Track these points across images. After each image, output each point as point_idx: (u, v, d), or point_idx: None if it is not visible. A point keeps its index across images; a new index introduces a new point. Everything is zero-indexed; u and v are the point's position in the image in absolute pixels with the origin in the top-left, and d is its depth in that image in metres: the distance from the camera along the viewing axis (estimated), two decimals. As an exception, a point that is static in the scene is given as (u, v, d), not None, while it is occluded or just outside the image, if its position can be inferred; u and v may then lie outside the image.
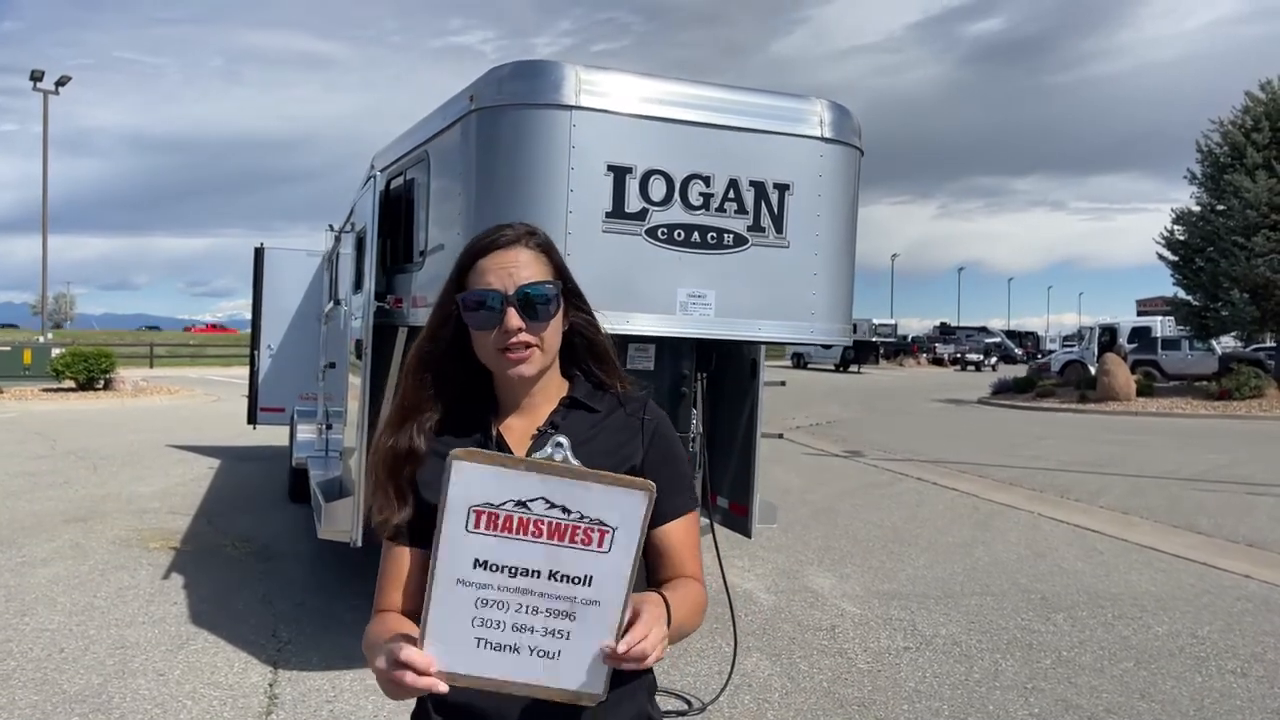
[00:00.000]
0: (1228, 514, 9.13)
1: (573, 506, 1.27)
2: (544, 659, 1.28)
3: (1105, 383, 22.81)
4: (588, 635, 1.28)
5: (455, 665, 1.27)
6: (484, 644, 1.28)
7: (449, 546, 1.26)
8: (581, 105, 3.47)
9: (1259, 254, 22.18)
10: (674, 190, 3.60)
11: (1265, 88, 23.79)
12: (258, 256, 10.94)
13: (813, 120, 3.79)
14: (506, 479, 1.26)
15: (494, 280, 1.50)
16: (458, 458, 1.26)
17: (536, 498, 1.26)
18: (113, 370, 21.03)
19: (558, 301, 1.53)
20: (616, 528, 1.27)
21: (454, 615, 1.27)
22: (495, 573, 1.27)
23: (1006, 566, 7.03)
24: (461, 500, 1.25)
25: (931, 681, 4.65)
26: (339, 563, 6.47)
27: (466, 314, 1.52)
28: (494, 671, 1.29)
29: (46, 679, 4.36)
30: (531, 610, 1.28)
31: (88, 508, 8.38)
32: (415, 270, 4.57)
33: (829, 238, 3.85)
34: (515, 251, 1.52)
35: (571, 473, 1.28)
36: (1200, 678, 4.78)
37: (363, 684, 4.44)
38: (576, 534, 1.27)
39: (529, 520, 1.27)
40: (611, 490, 1.27)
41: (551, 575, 1.27)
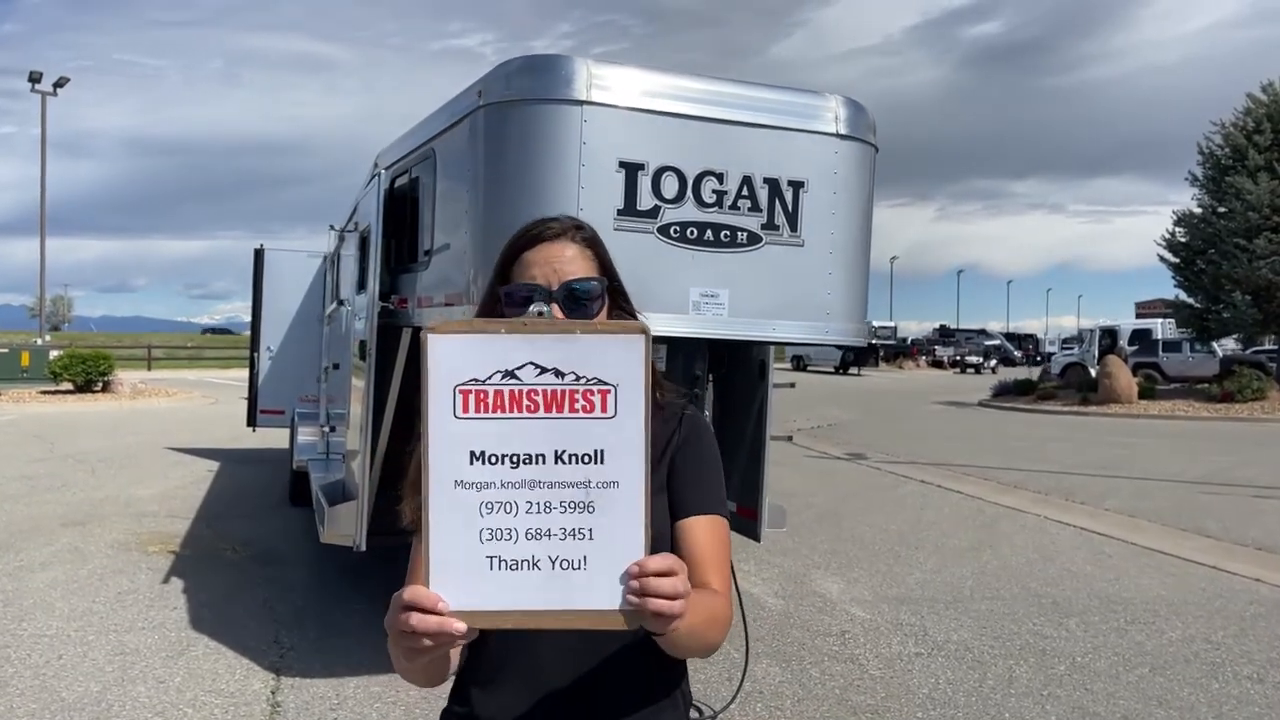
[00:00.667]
0: (1235, 517, 9.07)
1: (565, 367, 1.12)
2: (568, 571, 1.12)
3: (1107, 385, 22.75)
4: (613, 530, 1.12)
5: (469, 599, 1.11)
6: (498, 564, 1.11)
7: (440, 442, 1.12)
8: (593, 100, 3.40)
9: (1261, 256, 22.13)
10: (686, 187, 3.52)
11: (1267, 89, 23.76)
12: (257, 258, 10.86)
13: (828, 117, 3.72)
14: (489, 346, 1.12)
15: (538, 275, 1.44)
16: (433, 331, 1.13)
17: (524, 364, 1.12)
18: (111, 372, 20.95)
19: (603, 299, 1.47)
20: (617, 384, 1.12)
21: (458, 532, 1.11)
22: (496, 465, 1.12)
23: (1015, 570, 6.96)
24: (444, 380, 1.12)
25: (945, 689, 4.58)
26: (341, 567, 6.39)
27: (508, 309, 1.45)
28: (514, 601, 1.12)
29: (45, 686, 4.28)
30: (544, 508, 1.12)
31: (86, 511, 8.29)
32: (420, 270, 4.50)
33: (844, 236, 3.78)
34: (561, 245, 1.46)
35: (555, 326, 1.16)
36: (1217, 684, 4.70)
37: (366, 691, 4.36)
38: (575, 400, 1.12)
39: (521, 392, 1.12)
40: (602, 339, 1.13)
41: (558, 457, 1.12)
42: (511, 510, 1.12)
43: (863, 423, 19.24)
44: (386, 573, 6.23)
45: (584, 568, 1.12)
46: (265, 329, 10.79)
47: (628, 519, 1.13)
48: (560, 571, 1.12)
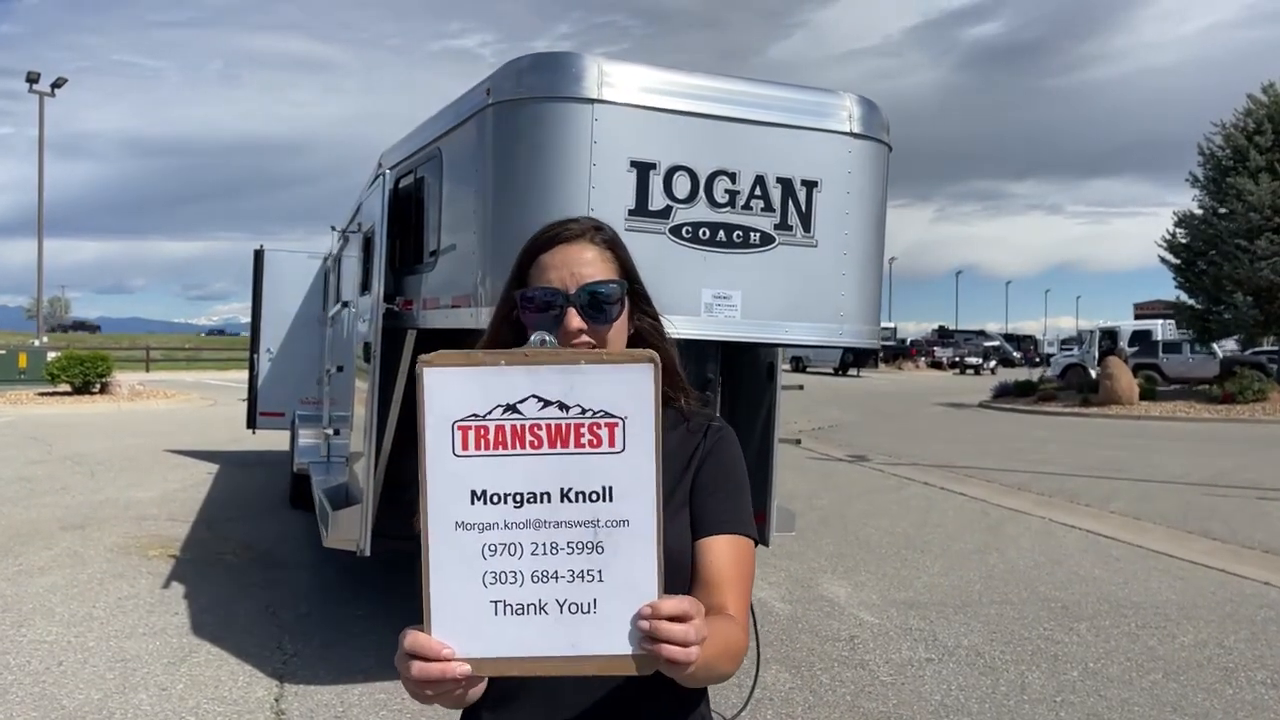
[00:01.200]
0: (1241, 519, 9.02)
1: (570, 399, 1.06)
2: (577, 615, 1.06)
3: (1108, 386, 22.71)
4: (624, 571, 1.06)
5: (473, 646, 1.05)
6: (503, 609, 1.06)
7: (438, 481, 1.06)
8: (604, 99, 3.34)
9: (1262, 257, 22.12)
10: (699, 187, 3.46)
11: (1267, 90, 23.75)
12: (257, 259, 10.80)
13: (841, 115, 3.66)
14: (488, 380, 1.06)
15: (555, 278, 1.38)
16: (428, 364, 1.07)
17: (526, 397, 1.06)
18: (109, 374, 20.87)
19: (623, 303, 1.40)
20: (626, 417, 1.06)
21: (461, 576, 1.06)
22: (498, 505, 1.06)
23: (1023, 574, 6.91)
24: (441, 416, 1.06)
25: (957, 695, 4.52)
26: (344, 572, 6.33)
27: (525, 313, 1.39)
28: (521, 647, 1.06)
29: (45, 694, 4.21)
30: (550, 549, 1.06)
31: (85, 514, 8.22)
32: (426, 271, 4.43)
33: (858, 237, 3.72)
34: (580, 247, 1.40)
35: (558, 356, 1.10)
36: (1231, 689, 4.65)
37: (372, 698, 4.29)
38: (581, 434, 1.06)
39: (523, 427, 1.06)
40: (608, 370, 1.07)
41: (564, 495, 1.07)
42: (516, 552, 1.07)
43: (864, 424, 19.19)
44: (389, 578, 6.18)
45: (594, 611, 1.07)
46: (265, 330, 10.72)
47: (639, 559, 1.07)
48: (569, 615, 1.07)
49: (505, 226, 3.47)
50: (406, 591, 5.98)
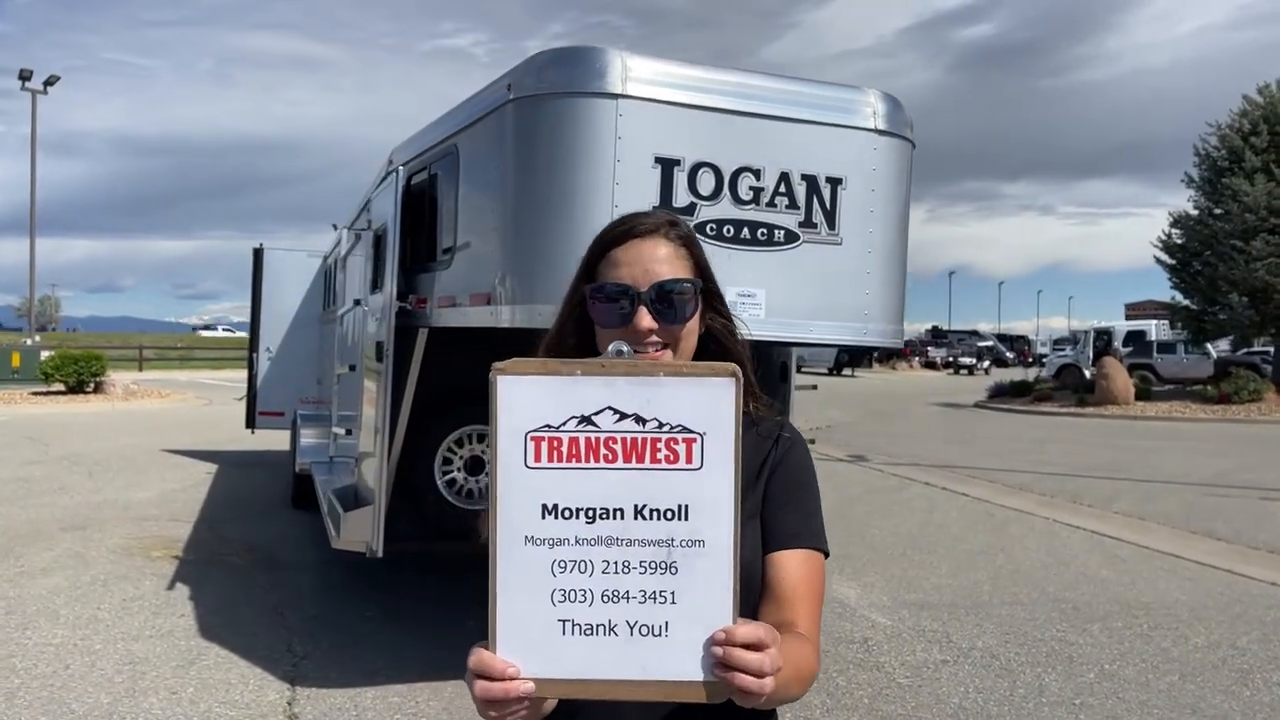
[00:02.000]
0: (1244, 520, 9.02)
1: (647, 413, 1.03)
2: (648, 638, 1.02)
3: (1104, 386, 22.75)
4: (697, 594, 1.03)
5: (539, 666, 1.02)
6: (571, 628, 1.03)
7: (509, 493, 1.03)
8: (628, 94, 3.29)
9: (1257, 258, 22.17)
10: (723, 184, 3.42)
11: (1263, 91, 23.81)
12: (256, 258, 10.72)
13: (866, 112, 3.62)
14: (564, 390, 1.03)
15: (626, 274, 1.32)
16: (501, 371, 1.03)
17: (602, 409, 1.03)
18: (103, 373, 20.74)
19: (696, 302, 1.34)
20: (704, 433, 1.03)
21: (528, 593, 1.02)
22: (569, 520, 1.03)
23: (1031, 575, 6.88)
24: (515, 426, 1.02)
25: (975, 697, 4.48)
26: (350, 573, 6.27)
27: (594, 310, 1.34)
28: (588, 669, 1.03)
29: (54, 698, 4.14)
30: (622, 567, 1.03)
31: (85, 515, 8.14)
32: (440, 269, 4.38)
33: (882, 235, 3.68)
34: (653, 243, 1.35)
35: (636, 368, 1.06)
36: (1248, 691, 4.63)
37: (385, 701, 4.24)
38: (658, 449, 1.03)
39: (598, 439, 1.03)
40: (688, 383, 1.03)
41: (638, 512, 1.03)
42: (586, 570, 1.03)
43: (861, 424, 19.18)
44: (397, 579, 6.12)
45: (665, 634, 1.03)
46: (264, 330, 10.65)
47: (714, 582, 1.03)
48: (639, 638, 1.03)
49: (526, 224, 3.43)
50: (414, 593, 5.93)
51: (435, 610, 5.60)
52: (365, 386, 5.11)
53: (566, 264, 3.31)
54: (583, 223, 3.29)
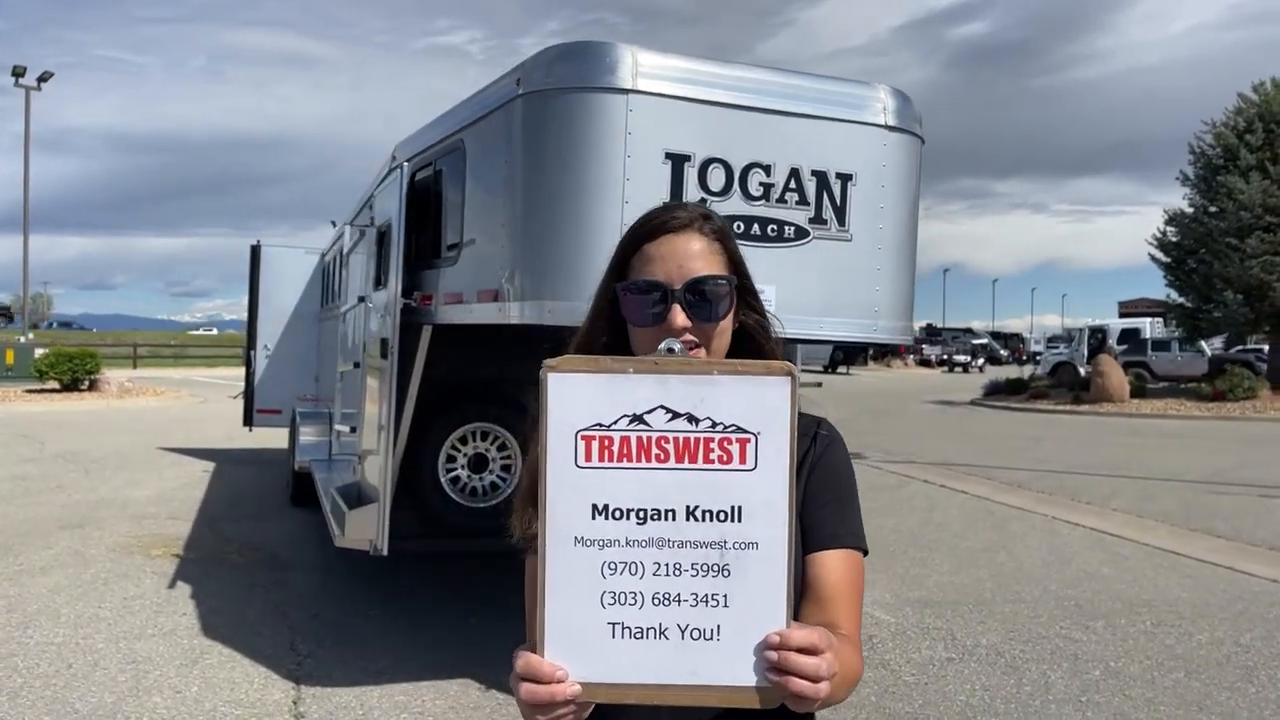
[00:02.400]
0: (1243, 517, 9.03)
1: (700, 412, 1.01)
2: (700, 642, 1.00)
3: (1099, 384, 22.79)
4: (751, 598, 1.01)
5: (588, 669, 1.01)
6: (621, 632, 1.01)
7: (559, 493, 1.01)
8: (639, 89, 3.27)
9: (1252, 255, 22.23)
10: (733, 180, 3.41)
11: (1258, 89, 23.87)
12: (254, 255, 10.68)
13: (876, 107, 3.61)
14: (616, 388, 1.01)
15: (659, 270, 1.29)
16: (552, 369, 1.02)
17: (654, 407, 1.01)
18: (98, 371, 20.65)
19: (731, 299, 1.31)
20: (759, 433, 1.01)
21: (577, 595, 1.01)
22: (620, 521, 1.01)
23: (1033, 572, 6.88)
24: (565, 424, 1.01)
25: (982, 695, 4.48)
26: (352, 571, 6.24)
27: (626, 307, 1.31)
28: (639, 673, 1.01)
29: (57, 697, 4.11)
30: (674, 570, 1.01)
31: (83, 513, 8.10)
32: (445, 266, 4.36)
33: (893, 231, 3.67)
34: (687, 238, 1.31)
35: (691, 366, 1.04)
36: (1254, 688, 4.62)
37: (391, 700, 4.22)
38: (711, 449, 1.01)
39: (650, 439, 1.01)
40: (742, 382, 1.01)
41: (690, 514, 1.01)
42: (637, 572, 1.02)
43: (857, 422, 19.17)
44: (398, 578, 6.10)
45: (717, 638, 1.01)
46: (262, 327, 10.61)
47: (768, 585, 1.01)
48: (691, 642, 1.01)
49: (535, 221, 3.41)
50: (416, 592, 5.91)
51: (438, 609, 5.58)
52: (368, 384, 5.09)
53: (576, 260, 3.30)
54: (592, 219, 3.28)
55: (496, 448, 5.07)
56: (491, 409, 5.03)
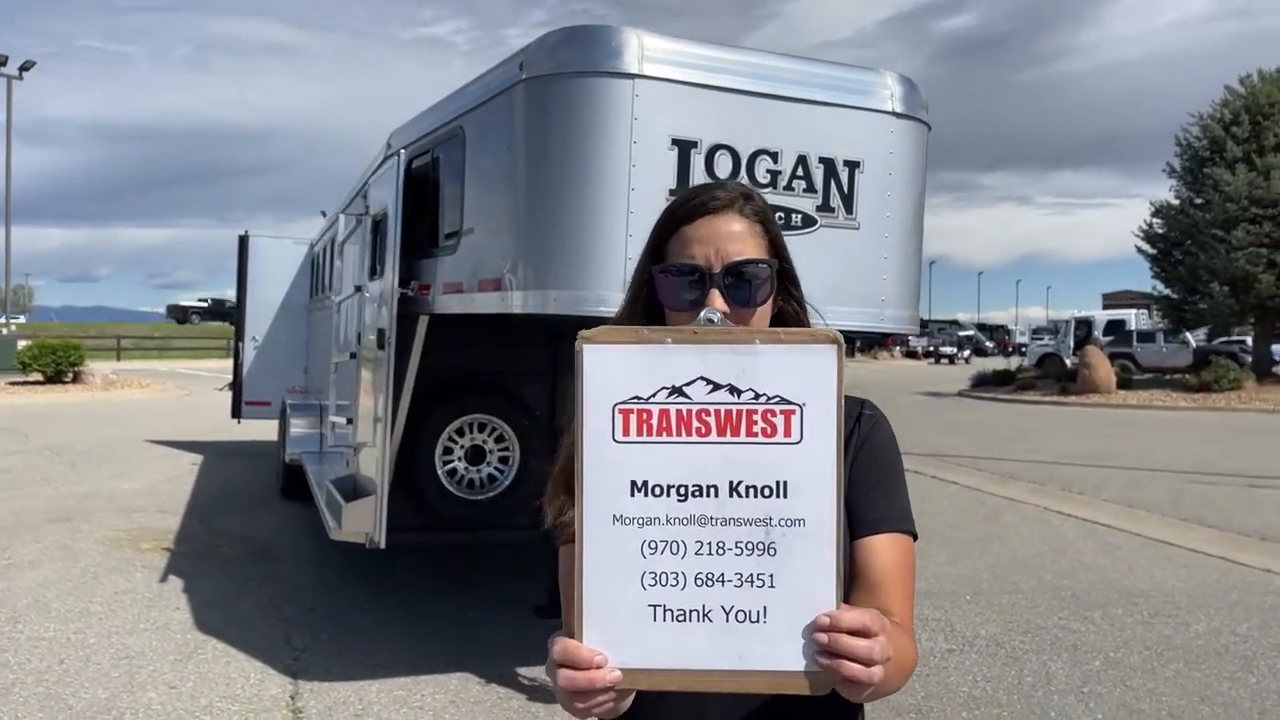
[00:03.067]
0: (1233, 507, 9.07)
1: (742, 383, 0.97)
2: (745, 624, 0.96)
3: (1086, 375, 22.88)
4: (798, 577, 0.96)
5: (628, 654, 0.96)
6: (662, 614, 0.96)
7: (596, 469, 0.96)
8: (645, 74, 3.22)
9: (1238, 247, 22.34)
10: (740, 167, 3.36)
11: (1245, 82, 23.98)
12: (242, 245, 10.58)
13: (883, 94, 3.57)
14: (654, 359, 0.97)
15: (698, 252, 1.24)
16: (589, 340, 0.97)
17: (694, 379, 0.97)
18: (82, 363, 20.45)
19: (771, 283, 1.26)
20: (804, 404, 0.96)
21: (617, 577, 0.96)
22: (660, 498, 0.96)
23: (1028, 563, 6.88)
24: (602, 398, 0.96)
25: (984, 686, 4.46)
26: (345, 564, 6.18)
27: (662, 292, 1.26)
28: (681, 658, 0.96)
29: (50, 693, 4.04)
30: (717, 549, 0.96)
31: (71, 506, 8.00)
32: (443, 255, 4.30)
33: (900, 219, 3.63)
34: (727, 219, 1.26)
35: (730, 335, 1.00)
36: (1254, 678, 4.63)
37: (390, 695, 4.17)
38: (754, 421, 0.96)
39: (690, 412, 0.97)
40: (786, 351, 0.97)
41: (734, 490, 0.97)
42: (679, 551, 0.97)
43: (847, 413, 19.19)
44: (393, 571, 6.05)
45: (763, 620, 0.96)
46: (250, 318, 10.52)
47: (816, 564, 0.97)
48: (735, 624, 0.96)
49: (538, 208, 3.35)
50: (411, 585, 5.85)
51: (434, 602, 5.52)
52: (364, 375, 5.02)
53: (581, 249, 3.24)
54: (597, 207, 3.22)
55: (494, 440, 5.02)
56: (489, 400, 4.98)
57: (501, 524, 5.10)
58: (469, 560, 6.28)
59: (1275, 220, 22.21)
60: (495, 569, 6.23)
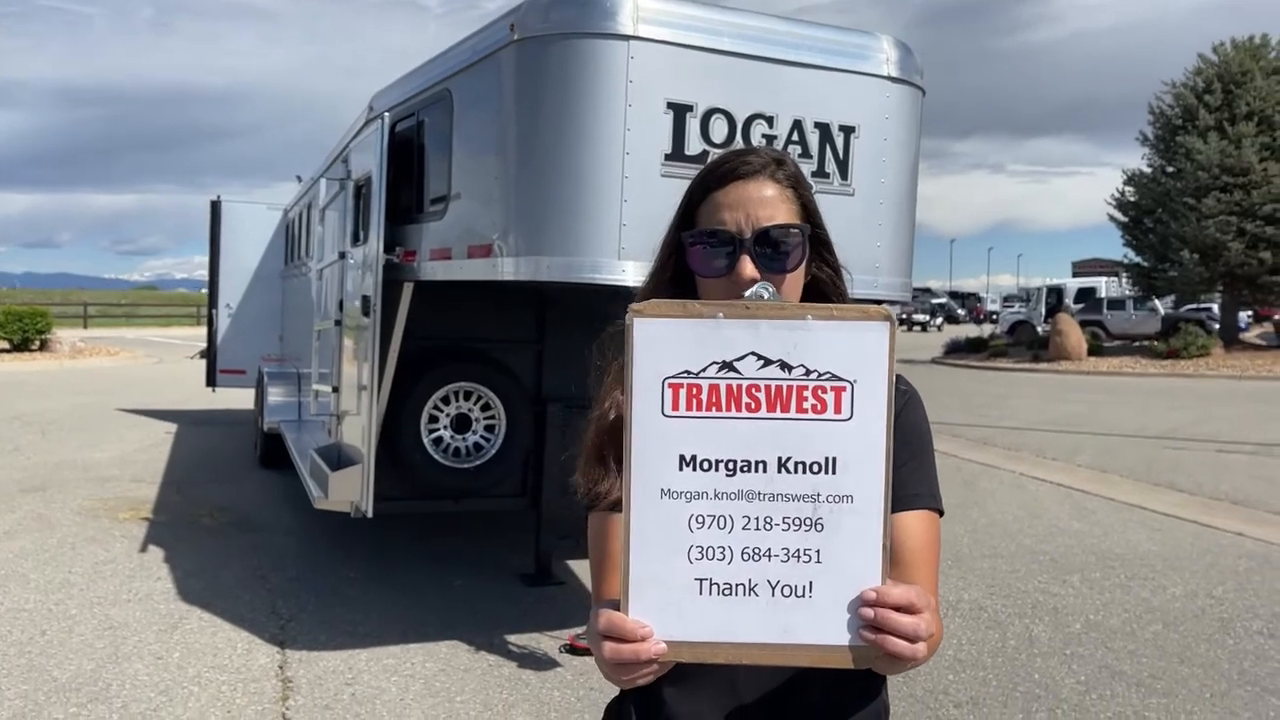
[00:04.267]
0: (1203, 472, 9.22)
1: (793, 359, 0.97)
2: (791, 599, 0.96)
3: (1058, 342, 23.12)
4: (845, 553, 0.97)
5: (674, 627, 0.96)
6: (708, 588, 0.97)
7: (644, 443, 0.96)
8: (640, 35, 3.16)
9: (1208, 215, 22.57)
10: (736, 131, 3.31)
11: (1218, 50, 24.10)
12: (214, 211, 10.42)
13: (879, 58, 3.53)
14: (704, 334, 0.97)
15: (729, 218, 1.22)
16: (639, 313, 0.97)
17: (745, 354, 0.97)
18: (49, 330, 20.13)
19: (803, 249, 1.25)
20: (855, 381, 0.96)
21: (663, 550, 0.97)
22: (709, 472, 0.97)
23: (1007, 528, 6.97)
24: (651, 371, 0.96)
25: (970, 650, 4.52)
26: (328, 533, 6.14)
27: (692, 259, 1.25)
28: (726, 631, 0.97)
29: (33, 665, 3.99)
30: (764, 524, 0.97)
31: (44, 476, 7.89)
32: (429, 221, 4.23)
33: (894, 185, 3.61)
34: (758, 184, 1.24)
35: (782, 311, 0.99)
36: (1231, 640, 4.71)
37: (380, 664, 4.15)
38: (804, 398, 0.97)
39: (740, 387, 0.97)
40: (839, 328, 0.97)
41: (782, 465, 0.97)
42: (726, 525, 0.97)
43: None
44: (376, 540, 6.02)
45: (809, 595, 0.97)
46: (224, 285, 10.39)
47: (863, 541, 0.97)
48: (781, 599, 0.97)
49: (531, 173, 3.30)
50: (395, 554, 5.83)
51: (419, 571, 5.51)
52: (348, 343, 4.96)
53: (574, 215, 3.20)
54: (591, 172, 3.17)
55: (480, 408, 4.97)
56: (475, 368, 4.93)
57: (487, 492, 5.08)
58: (454, 528, 6.26)
59: (1245, 188, 22.43)
60: (482, 538, 6.22)
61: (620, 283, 3.15)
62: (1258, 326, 30.40)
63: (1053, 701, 3.94)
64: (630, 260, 3.13)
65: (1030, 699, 3.97)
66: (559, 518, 4.95)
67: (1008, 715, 3.81)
